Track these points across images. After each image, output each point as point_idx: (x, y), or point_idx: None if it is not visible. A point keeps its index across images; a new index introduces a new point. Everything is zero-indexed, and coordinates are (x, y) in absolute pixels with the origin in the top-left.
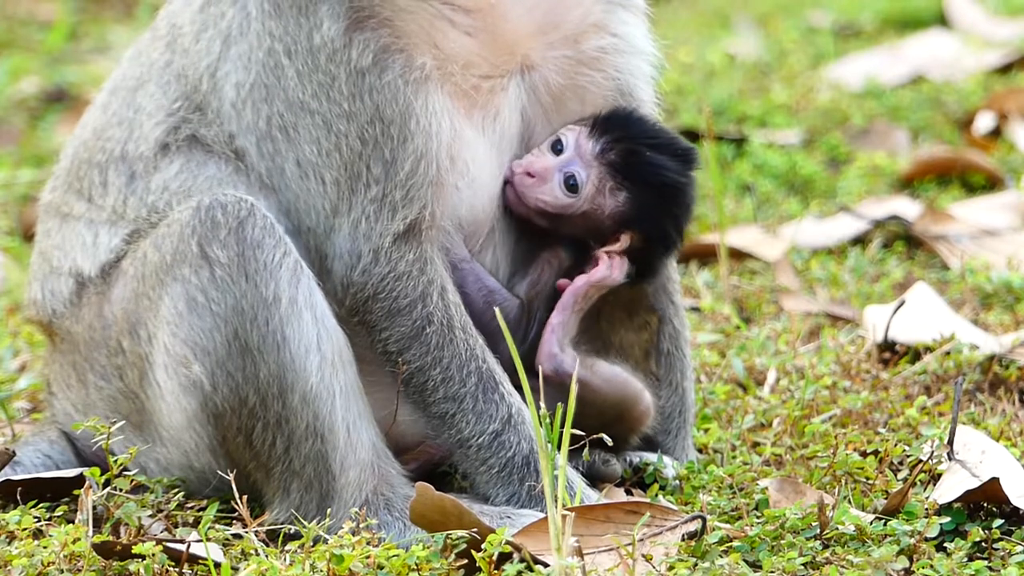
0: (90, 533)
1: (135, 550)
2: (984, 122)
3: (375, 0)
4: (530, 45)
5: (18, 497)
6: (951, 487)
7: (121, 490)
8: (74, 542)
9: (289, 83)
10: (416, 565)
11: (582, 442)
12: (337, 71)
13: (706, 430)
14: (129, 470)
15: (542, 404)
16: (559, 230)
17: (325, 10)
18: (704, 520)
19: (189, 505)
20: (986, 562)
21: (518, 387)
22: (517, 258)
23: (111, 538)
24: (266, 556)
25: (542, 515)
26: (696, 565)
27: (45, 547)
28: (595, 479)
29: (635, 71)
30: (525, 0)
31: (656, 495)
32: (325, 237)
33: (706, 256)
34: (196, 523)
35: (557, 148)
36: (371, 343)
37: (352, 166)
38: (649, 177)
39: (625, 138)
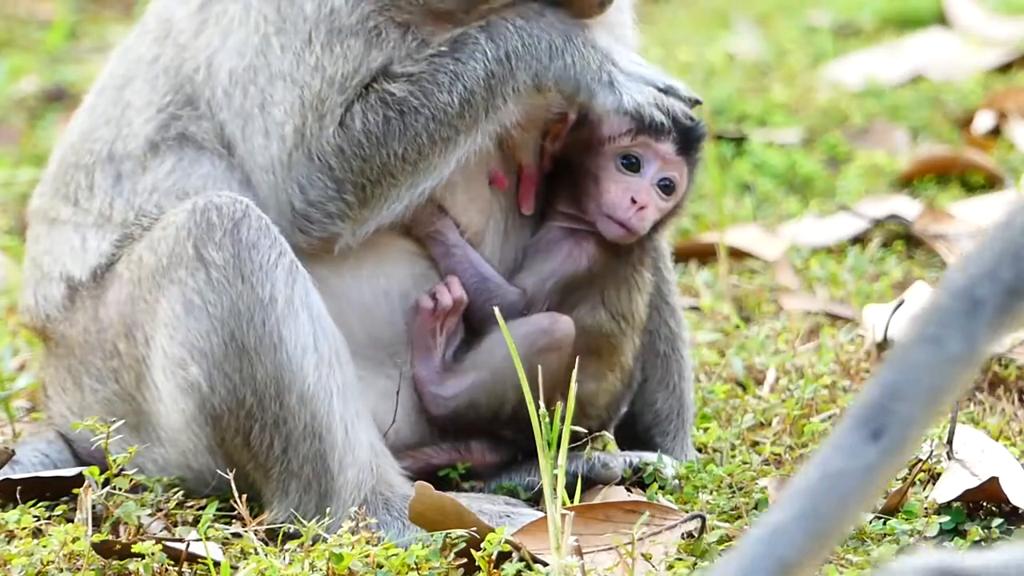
0: (89, 532)
1: (134, 549)
2: (983, 121)
3: None
4: None
5: (17, 496)
6: (950, 486)
7: (120, 489)
8: (73, 541)
9: (272, 57)
10: (415, 564)
11: (581, 441)
12: (316, 34)
13: (705, 429)
14: (127, 470)
15: (542, 404)
16: None
17: None
18: (703, 519)
19: (188, 504)
20: None
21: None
22: (517, 254)
23: (110, 537)
24: (265, 555)
25: (541, 514)
26: (695, 564)
27: (44, 546)
28: (595, 481)
29: None
30: None
31: (655, 494)
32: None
33: (705, 255)
34: (195, 522)
35: (631, 166)
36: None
37: (312, 104)
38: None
39: (681, 127)
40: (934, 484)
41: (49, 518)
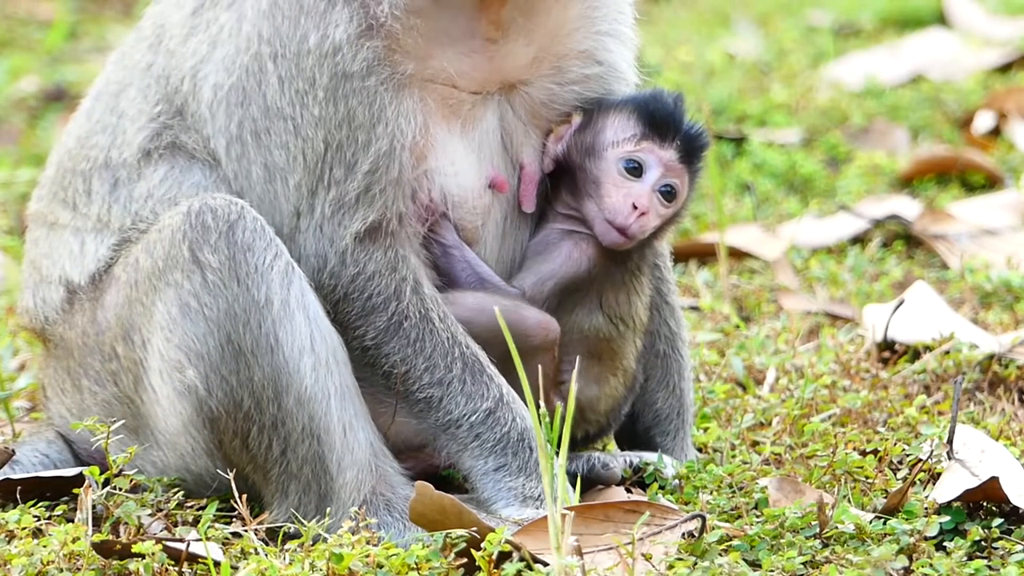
0: (89, 532)
1: (135, 549)
2: (983, 121)
3: (392, 12)
4: (521, 73)
5: (17, 496)
6: (950, 486)
7: (120, 489)
8: (73, 541)
9: (269, 88)
10: (415, 564)
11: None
12: (320, 75)
13: (705, 429)
14: (127, 470)
15: (542, 404)
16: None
17: (340, 13)
18: (704, 519)
19: (188, 504)
20: (985, 561)
21: (519, 390)
22: (516, 254)
23: (111, 537)
24: (265, 555)
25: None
26: (696, 564)
27: (45, 546)
28: (595, 481)
29: (615, 95)
30: (529, 33)
31: (656, 494)
32: (290, 239)
33: (705, 255)
34: (195, 522)
35: (634, 171)
36: (347, 341)
37: (315, 169)
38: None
39: (686, 135)
40: (934, 484)
41: (49, 518)
